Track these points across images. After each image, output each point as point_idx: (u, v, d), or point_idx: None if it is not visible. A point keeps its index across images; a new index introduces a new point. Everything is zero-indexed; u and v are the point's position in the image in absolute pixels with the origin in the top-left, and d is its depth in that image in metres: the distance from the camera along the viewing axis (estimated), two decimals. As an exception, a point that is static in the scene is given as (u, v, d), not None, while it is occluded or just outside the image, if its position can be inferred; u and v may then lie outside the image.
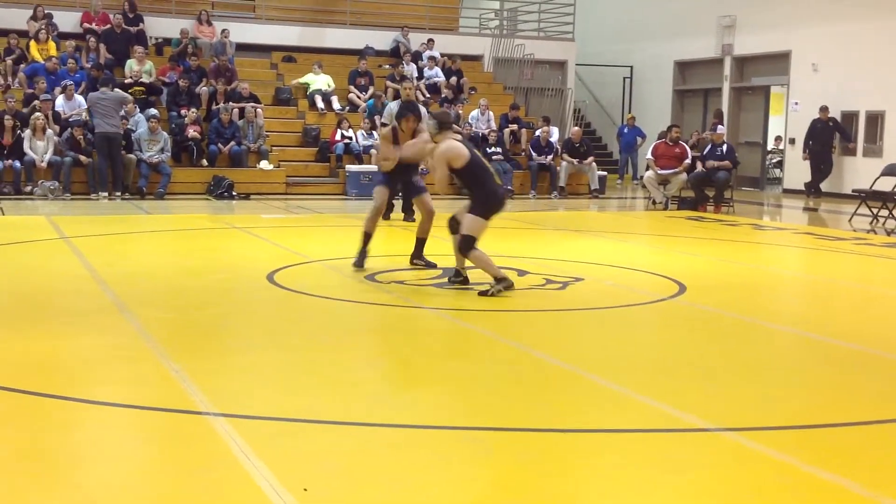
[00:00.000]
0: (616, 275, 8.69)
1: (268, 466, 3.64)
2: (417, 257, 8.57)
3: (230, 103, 16.90)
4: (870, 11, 17.88)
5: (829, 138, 18.43)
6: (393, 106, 11.74)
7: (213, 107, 16.94)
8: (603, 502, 3.52)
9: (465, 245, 7.38)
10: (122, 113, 14.98)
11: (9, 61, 16.59)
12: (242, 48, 19.19)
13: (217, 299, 7.25)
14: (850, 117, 18.41)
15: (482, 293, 7.32)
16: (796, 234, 13.06)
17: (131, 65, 17.09)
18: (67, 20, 18.30)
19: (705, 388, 5.05)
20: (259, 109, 17.07)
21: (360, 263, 8.37)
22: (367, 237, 8.49)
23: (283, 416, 4.35)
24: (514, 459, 3.93)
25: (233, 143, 16.24)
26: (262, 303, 7.23)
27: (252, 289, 7.66)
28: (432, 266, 8.46)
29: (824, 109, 18.28)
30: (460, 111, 18.37)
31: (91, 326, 6.10)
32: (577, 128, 19.39)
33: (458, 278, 7.74)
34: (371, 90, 18.71)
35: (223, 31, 18.67)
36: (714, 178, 15.04)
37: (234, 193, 15.38)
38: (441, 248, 9.47)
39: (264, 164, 16.39)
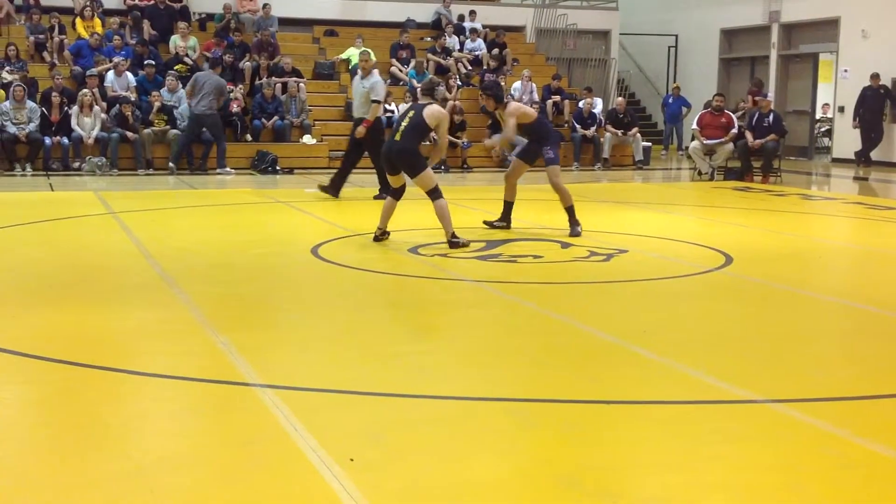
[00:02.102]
0: (661, 246, 8.61)
1: (314, 437, 3.68)
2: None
3: (273, 78, 16.95)
4: (923, -25, 17.40)
5: (879, 106, 18.02)
6: (380, 82, 11.90)
7: (257, 82, 17.01)
8: (648, 474, 3.51)
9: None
10: (226, 96, 15.14)
11: (56, 38, 16.79)
12: (284, 22, 19.22)
13: (262, 273, 7.32)
14: (902, 84, 17.99)
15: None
16: (846, 203, 12.84)
17: (175, 41, 17.21)
18: (112, -3, 18.46)
19: (753, 359, 5.00)
20: (302, 84, 17.10)
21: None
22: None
23: (329, 387, 4.40)
24: (558, 431, 3.93)
25: (276, 117, 16.31)
26: (306, 276, 7.29)
27: (296, 263, 7.72)
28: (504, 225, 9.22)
29: (875, 76, 17.87)
30: (503, 82, 18.25)
31: (140, 301, 6.20)
32: (621, 98, 19.17)
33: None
34: (413, 63, 18.65)
35: (265, 5, 18.70)
36: (762, 148, 14.81)
37: (277, 168, 15.46)
38: (470, 221, 9.45)
39: (307, 139, 16.44)
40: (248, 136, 16.11)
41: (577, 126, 17.72)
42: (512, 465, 3.59)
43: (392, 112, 17.23)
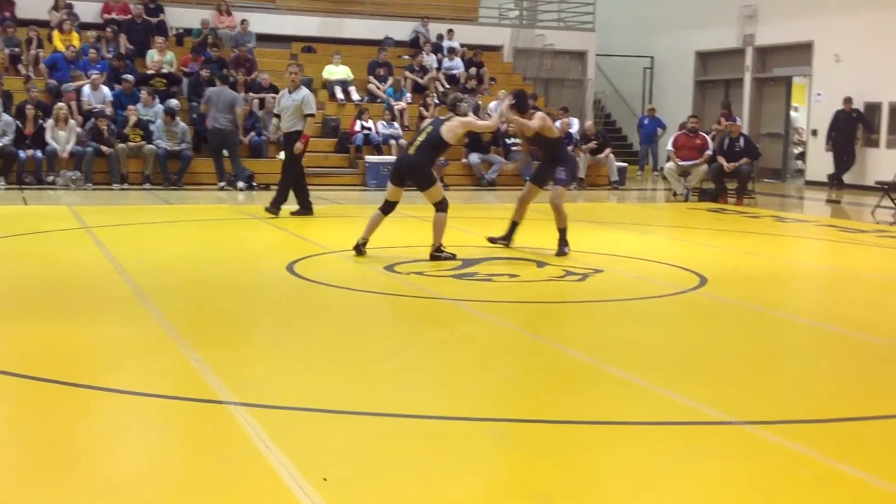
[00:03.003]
0: (636, 266, 8.65)
1: (287, 455, 3.65)
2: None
3: (250, 94, 16.93)
4: (893, 1, 17.68)
5: (852, 129, 18.26)
6: (311, 96, 11.73)
7: (234, 97, 16.96)
8: (622, 494, 3.52)
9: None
10: (237, 111, 15.04)
11: (32, 51, 16.69)
12: (262, 38, 19.23)
13: (237, 290, 7.28)
14: (874, 108, 18.23)
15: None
16: (818, 226, 12.97)
17: (152, 55, 17.15)
18: (88, 10, 18.39)
19: (726, 380, 5.02)
20: (279, 100, 17.06)
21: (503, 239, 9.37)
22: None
23: (304, 405, 4.37)
24: (534, 451, 3.92)
25: (253, 133, 16.28)
26: (281, 293, 7.26)
27: (272, 279, 7.69)
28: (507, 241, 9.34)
29: (848, 100, 18.11)
30: (479, 101, 18.33)
31: (113, 316, 6.14)
32: (589, 122, 19.27)
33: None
34: (390, 81, 18.70)
35: (243, 21, 18.70)
36: (736, 171, 14.95)
37: (254, 184, 15.42)
38: (459, 240, 9.47)
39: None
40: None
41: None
42: (487, 484, 3.57)
43: (370, 129, 17.26)
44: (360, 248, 8.49)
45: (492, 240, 9.44)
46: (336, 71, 18.61)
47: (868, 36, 18.14)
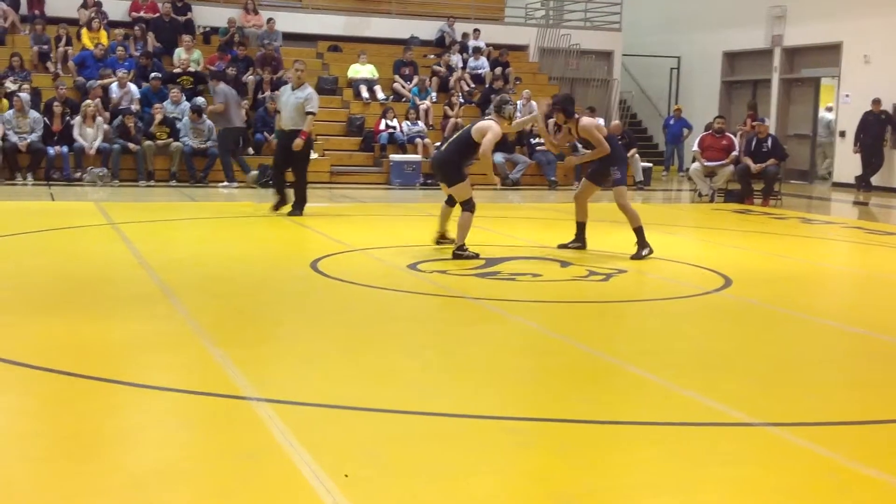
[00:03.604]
0: (660, 267, 8.61)
1: (309, 452, 3.67)
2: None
3: (276, 92, 16.98)
4: (925, 2, 17.49)
5: (880, 131, 18.07)
6: (314, 94, 11.56)
7: (260, 96, 17.06)
8: (642, 495, 3.50)
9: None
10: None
11: (61, 49, 16.85)
12: (288, 37, 19.30)
13: (261, 287, 7.32)
14: (903, 110, 18.05)
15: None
16: (845, 227, 12.85)
17: (179, 54, 17.27)
18: (116, 9, 18.53)
19: (749, 382, 4.99)
20: (304, 99, 17.12)
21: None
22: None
23: (326, 402, 4.39)
24: (555, 450, 3.92)
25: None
26: (305, 291, 7.28)
27: (296, 277, 7.72)
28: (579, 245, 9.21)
29: (876, 102, 17.93)
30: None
31: (138, 312, 6.19)
32: (616, 122, 19.19)
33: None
34: (415, 80, 18.72)
35: (269, 20, 18.79)
36: (762, 172, 14.85)
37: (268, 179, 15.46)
38: (483, 239, 9.47)
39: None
40: (251, 150, 16.14)
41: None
42: (508, 483, 3.58)
43: (394, 128, 17.30)
44: (439, 241, 8.97)
45: (562, 246, 9.23)
46: (361, 69, 18.65)
47: (898, 37, 17.94)
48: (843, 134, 19.40)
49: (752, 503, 3.42)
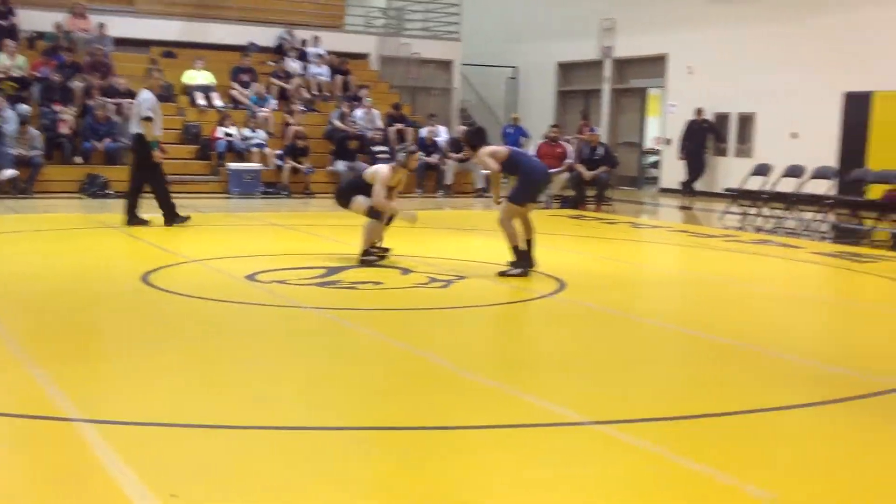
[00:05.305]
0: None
1: (136, 472, 3.52)
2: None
3: (106, 99, 16.37)
4: (741, 17, 18.59)
5: (703, 139, 19.08)
6: (145, 95, 11.22)
7: (88, 102, 16.38)
8: (482, 498, 3.54)
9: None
10: None
11: None
12: (120, 42, 18.62)
13: (88, 302, 7.00)
14: (723, 119, 19.11)
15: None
16: (671, 231, 13.47)
17: (2, 59, 16.36)
18: (-71, 10, 17.39)
19: (582, 382, 5.14)
20: (136, 105, 16.56)
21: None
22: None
23: (157, 420, 4.22)
24: (396, 459, 3.91)
25: (108, 139, 15.74)
26: (136, 305, 7.01)
27: (126, 290, 7.42)
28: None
29: (699, 111, 18.92)
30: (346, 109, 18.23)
31: (-50, 331, 5.80)
32: (463, 126, 19.50)
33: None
34: (254, 87, 18.42)
35: (100, 24, 18.07)
36: (595, 179, 15.39)
37: (108, 192, 14.91)
38: (323, 248, 9.39)
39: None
40: (79, 159, 15.46)
41: (421, 154, 17.89)
42: (348, 495, 3.54)
43: (232, 136, 16.96)
44: (376, 255, 8.84)
45: (503, 274, 8.54)
46: (197, 76, 18.21)
47: (717, 50, 19.00)
48: (668, 142, 20.36)
49: (582, 501, 3.51)
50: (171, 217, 11.32)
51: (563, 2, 22.68)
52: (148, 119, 11.02)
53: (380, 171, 8.78)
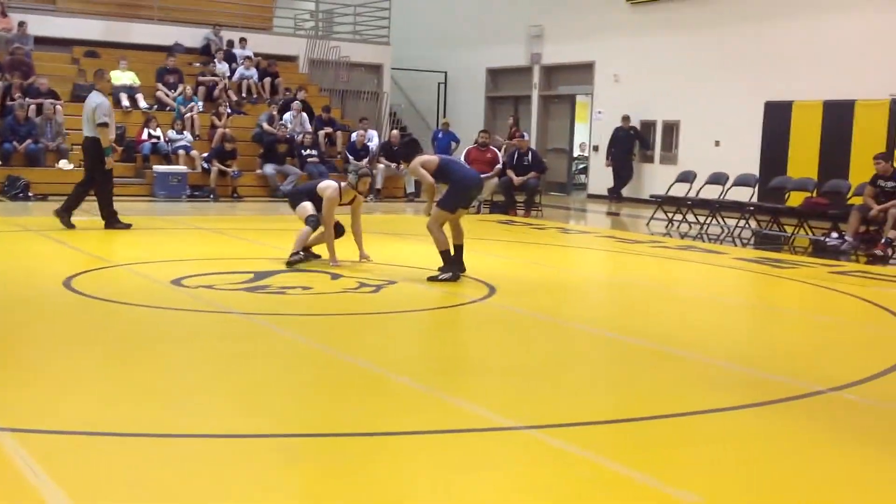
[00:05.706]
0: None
1: (57, 483, 3.43)
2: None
3: (27, 99, 15.94)
4: (666, 27, 18.94)
5: (629, 146, 19.38)
6: (98, 98, 11.02)
7: (8, 102, 15.92)
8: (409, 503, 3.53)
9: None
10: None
11: None
12: (41, 42, 18.14)
13: (7, 307, 6.79)
14: (649, 126, 19.44)
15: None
16: (599, 237, 13.65)
17: (-87, 55, 15.83)
18: None
19: (511, 387, 5.17)
20: (58, 106, 16.18)
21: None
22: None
23: (79, 429, 4.11)
24: (324, 466, 3.88)
25: (29, 140, 15.32)
26: (57, 310, 6.83)
27: (46, 295, 7.22)
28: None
29: (626, 118, 19.21)
30: (274, 112, 18.04)
31: None
32: (395, 131, 19.50)
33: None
34: (181, 88, 18.12)
35: (20, 23, 17.58)
36: (524, 184, 15.52)
37: (29, 194, 14.51)
38: (252, 252, 9.28)
39: (63, 164, 15.56)
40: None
41: (351, 158, 17.83)
42: (277, 502, 3.49)
43: (158, 138, 16.66)
44: (301, 257, 8.84)
45: (432, 279, 8.48)
46: (122, 76, 17.84)
47: (643, 58, 19.32)
48: (596, 148, 20.63)
49: (514, 505, 3.53)
50: (112, 222, 11.22)
51: (493, 8, 22.83)
52: (104, 125, 10.82)
53: (328, 190, 8.86)
